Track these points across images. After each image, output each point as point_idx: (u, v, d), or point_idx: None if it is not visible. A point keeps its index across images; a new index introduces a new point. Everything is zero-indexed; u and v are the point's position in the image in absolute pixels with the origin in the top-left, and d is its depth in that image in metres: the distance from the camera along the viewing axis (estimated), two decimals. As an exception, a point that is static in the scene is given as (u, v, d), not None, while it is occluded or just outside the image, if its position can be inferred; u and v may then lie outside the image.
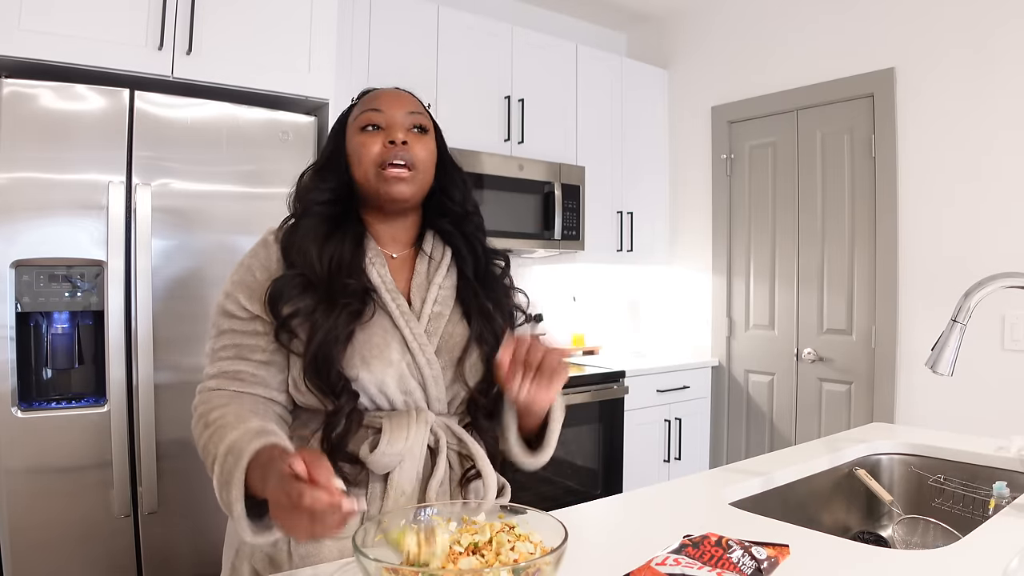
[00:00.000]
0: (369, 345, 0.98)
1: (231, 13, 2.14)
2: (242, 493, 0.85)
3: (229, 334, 1.01)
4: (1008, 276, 1.23)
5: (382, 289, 1.02)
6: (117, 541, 1.94)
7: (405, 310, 1.03)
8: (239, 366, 1.00)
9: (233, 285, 1.03)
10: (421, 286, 1.07)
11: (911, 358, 2.91)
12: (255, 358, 1.00)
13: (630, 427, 3.26)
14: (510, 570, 0.73)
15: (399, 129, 1.04)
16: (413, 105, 1.09)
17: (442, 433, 1.02)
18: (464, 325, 1.07)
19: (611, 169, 3.61)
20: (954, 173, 2.78)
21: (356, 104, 1.11)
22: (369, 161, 1.03)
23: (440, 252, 1.11)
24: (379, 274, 1.04)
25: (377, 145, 1.03)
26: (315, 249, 1.00)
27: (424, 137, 1.07)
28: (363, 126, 1.05)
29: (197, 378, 1.06)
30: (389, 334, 1.00)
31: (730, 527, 1.01)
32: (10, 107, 1.80)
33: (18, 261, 1.83)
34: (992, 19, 2.65)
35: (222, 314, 1.03)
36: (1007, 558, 0.93)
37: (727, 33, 3.62)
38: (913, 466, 1.62)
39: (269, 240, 1.06)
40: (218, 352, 1.02)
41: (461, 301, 1.09)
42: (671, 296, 3.93)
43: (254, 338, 1.00)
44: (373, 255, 1.05)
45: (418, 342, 1.01)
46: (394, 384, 0.99)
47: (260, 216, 2.18)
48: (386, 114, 1.05)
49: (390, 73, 2.80)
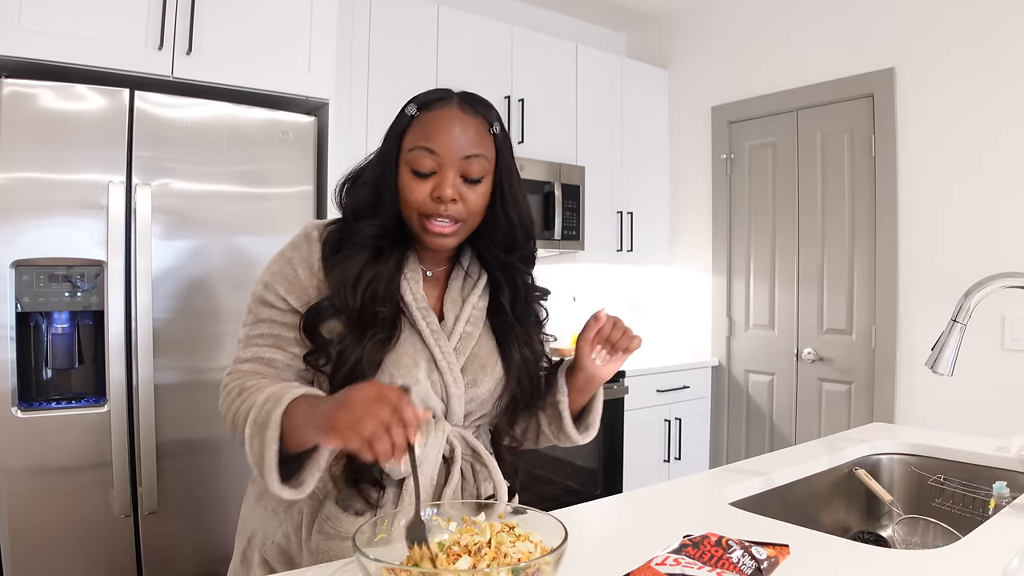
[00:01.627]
0: (398, 365, 0.99)
1: (231, 13, 2.14)
2: (277, 434, 0.84)
3: (268, 323, 1.02)
4: (1008, 276, 1.23)
5: (413, 307, 1.03)
6: (117, 541, 1.94)
7: (436, 328, 1.04)
8: (275, 354, 1.01)
9: (272, 275, 1.03)
10: (455, 302, 1.08)
11: (911, 358, 2.91)
12: (291, 350, 1.01)
13: (630, 427, 3.26)
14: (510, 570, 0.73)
15: (448, 184, 0.97)
16: (471, 144, 0.99)
17: (457, 443, 1.04)
18: (492, 345, 1.08)
19: (611, 169, 3.61)
20: (954, 173, 2.78)
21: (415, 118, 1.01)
22: (414, 207, 0.99)
23: (477, 271, 1.11)
24: (412, 291, 1.04)
25: (423, 193, 0.98)
26: (351, 281, 0.99)
27: (477, 186, 1.00)
28: (413, 168, 0.99)
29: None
30: (419, 353, 1.02)
31: (730, 527, 1.01)
32: (10, 107, 1.80)
33: (18, 261, 1.83)
34: (992, 18, 2.65)
35: (260, 302, 1.03)
36: (1007, 558, 0.93)
37: (727, 33, 3.62)
38: (913, 466, 1.62)
39: (312, 235, 1.04)
40: (254, 339, 1.02)
41: (492, 324, 1.09)
42: (671, 296, 3.93)
43: (291, 331, 1.01)
44: (410, 272, 1.05)
45: (447, 360, 1.03)
46: (418, 401, 1.00)
47: (260, 216, 2.18)
48: (440, 157, 0.98)
49: (390, 73, 2.80)
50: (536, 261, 1.13)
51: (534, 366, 1.10)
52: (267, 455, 0.84)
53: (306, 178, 2.27)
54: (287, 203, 2.23)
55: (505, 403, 1.09)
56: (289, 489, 0.87)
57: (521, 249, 1.09)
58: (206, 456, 2.08)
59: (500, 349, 1.08)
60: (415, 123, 1.01)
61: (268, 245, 2.18)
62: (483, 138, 1.01)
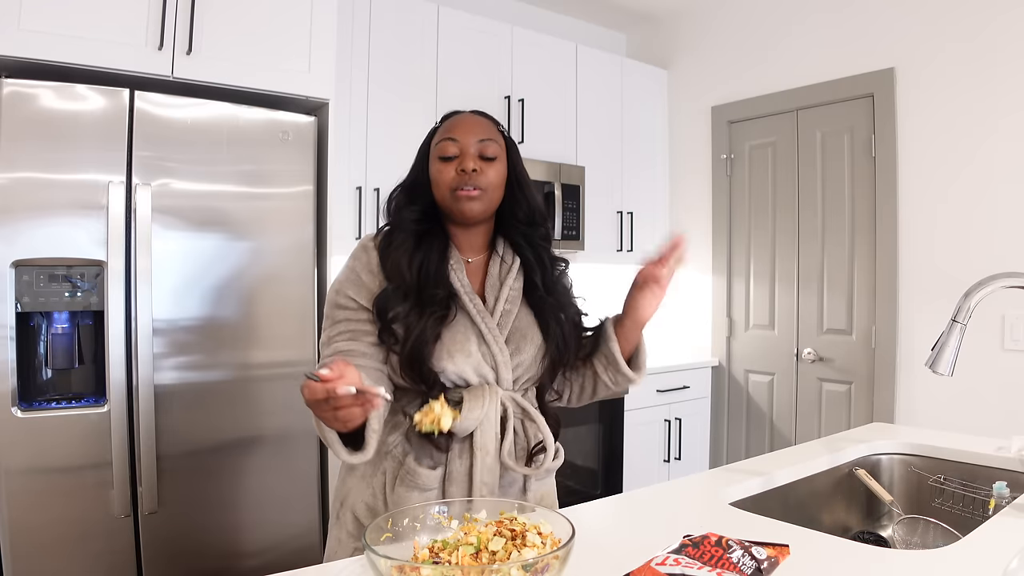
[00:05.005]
0: (453, 342, 1.17)
1: (231, 13, 2.14)
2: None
3: (344, 322, 1.19)
4: (1008, 276, 1.23)
5: (462, 292, 1.21)
6: (117, 541, 1.94)
7: (480, 308, 1.22)
8: (353, 345, 1.17)
9: (341, 284, 1.22)
10: (494, 286, 1.27)
11: (911, 358, 2.91)
12: (366, 339, 1.18)
13: (630, 427, 3.26)
14: (520, 565, 0.73)
15: (470, 159, 1.20)
16: (485, 132, 1.24)
17: (509, 404, 1.21)
18: (530, 319, 1.26)
19: (611, 169, 3.61)
20: (954, 173, 2.78)
21: (439, 128, 1.27)
22: (445, 186, 1.21)
23: (511, 257, 1.30)
24: (459, 279, 1.22)
25: (451, 172, 1.21)
26: (405, 261, 1.18)
27: (493, 163, 1.23)
28: (440, 156, 1.22)
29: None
30: (469, 330, 1.20)
31: (730, 527, 1.01)
32: (10, 107, 1.80)
33: (18, 261, 1.83)
34: (991, 17, 2.65)
35: (335, 307, 1.21)
36: (1007, 558, 0.93)
37: (727, 33, 3.62)
38: (913, 466, 1.62)
39: (369, 246, 1.24)
40: (334, 338, 1.19)
41: (528, 300, 1.27)
42: (671, 296, 3.92)
43: (364, 324, 1.18)
44: (454, 262, 1.24)
45: (492, 335, 1.21)
46: (472, 370, 1.18)
47: (260, 216, 2.18)
48: (460, 142, 1.22)
49: (390, 73, 2.80)
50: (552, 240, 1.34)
51: (569, 329, 1.27)
52: (331, 439, 1.04)
53: (306, 178, 2.27)
54: (287, 203, 2.23)
55: (547, 365, 1.26)
56: (357, 455, 1.06)
57: (540, 228, 1.30)
58: (206, 456, 2.09)
59: (537, 320, 1.26)
60: (440, 129, 1.27)
61: (268, 245, 2.19)
62: (494, 131, 1.26)
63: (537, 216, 1.30)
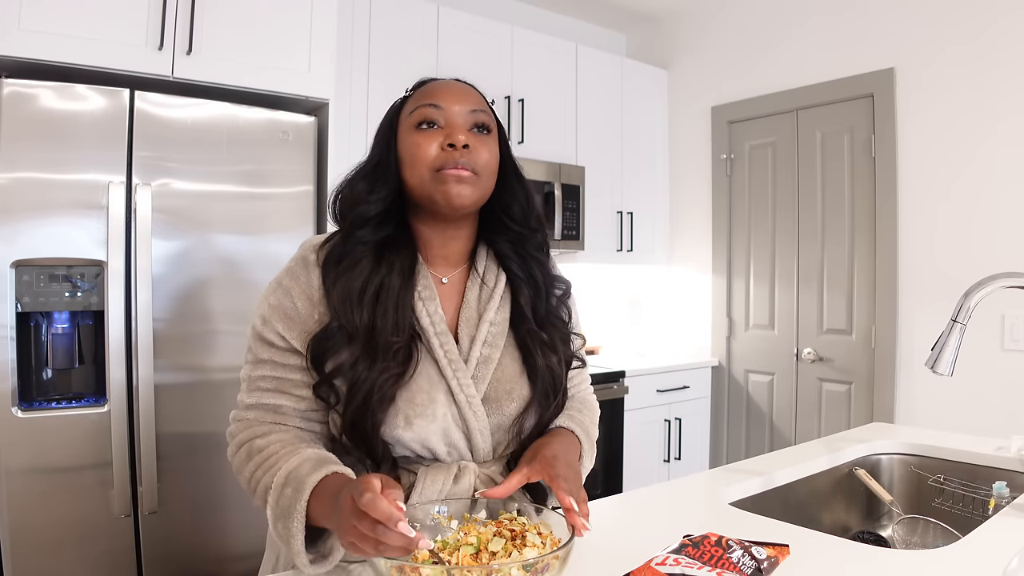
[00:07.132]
0: (412, 404, 0.91)
1: (231, 13, 2.14)
2: (303, 526, 0.79)
3: (268, 364, 0.94)
4: (1008, 276, 1.23)
5: (431, 332, 0.94)
6: (117, 541, 1.94)
7: (454, 356, 0.94)
8: (279, 400, 0.94)
9: (271, 310, 0.94)
10: (470, 320, 0.98)
11: (911, 358, 2.91)
12: (296, 392, 0.93)
13: (630, 427, 3.26)
14: (520, 565, 0.73)
15: (460, 130, 0.92)
16: (476, 101, 0.96)
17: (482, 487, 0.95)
18: (516, 366, 0.98)
19: (611, 169, 3.61)
20: (954, 173, 2.78)
21: (409, 96, 0.98)
22: (425, 164, 0.92)
23: (494, 276, 1.01)
24: (427, 312, 0.94)
25: (434, 146, 0.92)
26: (357, 290, 0.90)
27: (487, 138, 0.95)
28: (418, 123, 0.93)
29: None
30: (435, 386, 0.92)
31: (730, 527, 1.01)
32: (10, 107, 1.80)
33: (18, 261, 1.83)
34: (992, 19, 2.65)
35: (260, 341, 0.95)
36: (1007, 558, 0.93)
37: (727, 33, 3.62)
38: (913, 466, 1.62)
39: (310, 260, 0.95)
40: (256, 381, 0.95)
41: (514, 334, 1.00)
42: (671, 296, 3.93)
43: (294, 372, 0.93)
44: (423, 288, 0.95)
45: (465, 393, 0.93)
46: (437, 439, 0.93)
47: (260, 216, 2.18)
48: (446, 111, 0.93)
49: (390, 73, 2.80)
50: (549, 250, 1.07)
51: (559, 374, 1.00)
52: (294, 545, 0.79)
53: (306, 178, 2.27)
54: (287, 203, 2.23)
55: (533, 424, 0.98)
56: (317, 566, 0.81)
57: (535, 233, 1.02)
58: (206, 456, 2.08)
59: (525, 362, 0.98)
60: (412, 96, 0.98)
61: (268, 245, 2.19)
62: (485, 104, 0.98)
63: (533, 217, 1.01)
